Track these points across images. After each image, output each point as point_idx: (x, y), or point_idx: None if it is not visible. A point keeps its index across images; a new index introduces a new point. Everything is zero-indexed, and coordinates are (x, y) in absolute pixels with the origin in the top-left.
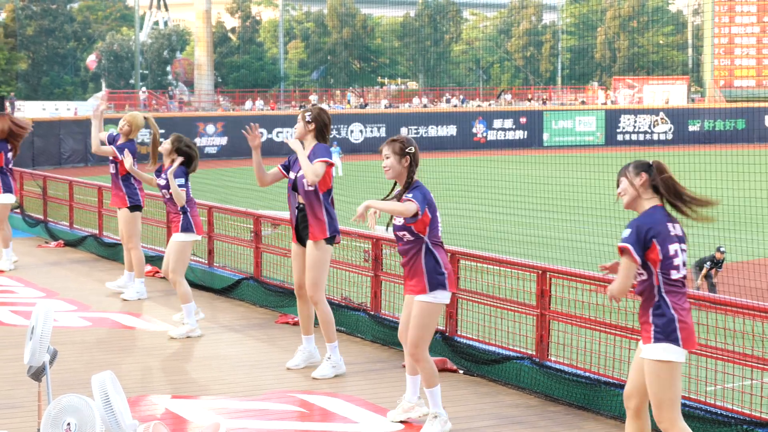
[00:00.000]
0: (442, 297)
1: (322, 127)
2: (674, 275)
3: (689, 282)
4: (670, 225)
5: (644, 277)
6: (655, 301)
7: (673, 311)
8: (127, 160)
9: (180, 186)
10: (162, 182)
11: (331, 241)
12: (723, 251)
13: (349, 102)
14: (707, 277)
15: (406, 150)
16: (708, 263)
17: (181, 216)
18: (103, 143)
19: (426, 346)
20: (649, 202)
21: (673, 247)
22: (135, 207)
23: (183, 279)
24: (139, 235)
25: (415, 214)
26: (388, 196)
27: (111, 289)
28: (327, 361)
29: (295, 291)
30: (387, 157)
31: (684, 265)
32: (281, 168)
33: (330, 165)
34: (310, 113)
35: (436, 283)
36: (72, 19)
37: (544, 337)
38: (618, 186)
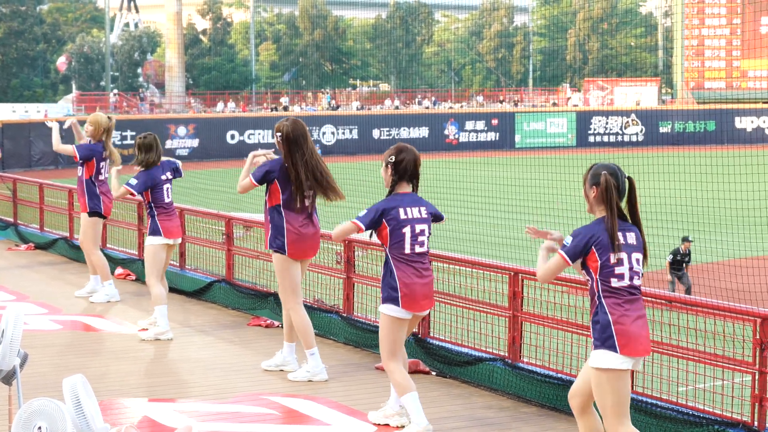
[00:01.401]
0: (392, 311)
1: None
2: (614, 283)
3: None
4: (617, 234)
5: (588, 281)
6: (595, 306)
7: (609, 316)
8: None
9: (129, 184)
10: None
11: (278, 251)
12: (690, 240)
13: (329, 102)
14: (677, 269)
15: (387, 159)
16: (670, 256)
17: (150, 219)
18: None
19: (388, 356)
20: (600, 212)
21: (615, 256)
22: (93, 213)
23: (155, 282)
24: (95, 241)
25: (369, 217)
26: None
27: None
28: (304, 365)
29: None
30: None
31: (635, 274)
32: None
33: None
34: (280, 133)
35: (387, 296)
36: (42, 20)
37: (516, 338)
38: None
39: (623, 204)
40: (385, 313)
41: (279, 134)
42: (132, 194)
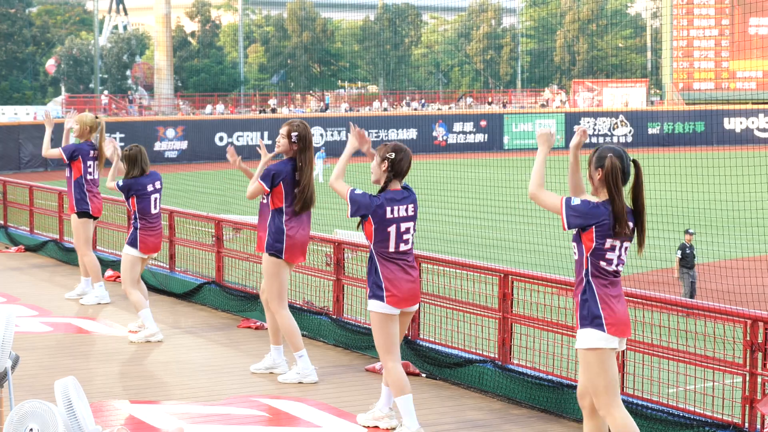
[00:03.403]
0: (379, 307)
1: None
2: (602, 265)
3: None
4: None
5: (576, 257)
6: (582, 286)
7: (597, 296)
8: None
9: (117, 183)
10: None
11: (274, 255)
12: (692, 232)
13: (327, 104)
14: (688, 267)
15: (386, 155)
16: (678, 252)
17: (132, 229)
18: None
19: (385, 354)
20: (605, 195)
21: (611, 242)
22: (82, 213)
23: (132, 289)
24: (87, 242)
25: (356, 210)
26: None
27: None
28: (294, 367)
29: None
30: (374, 160)
31: (621, 262)
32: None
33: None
34: (297, 134)
35: (372, 293)
36: (31, 23)
37: (506, 340)
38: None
39: (627, 188)
40: (373, 311)
41: (295, 134)
42: (115, 189)
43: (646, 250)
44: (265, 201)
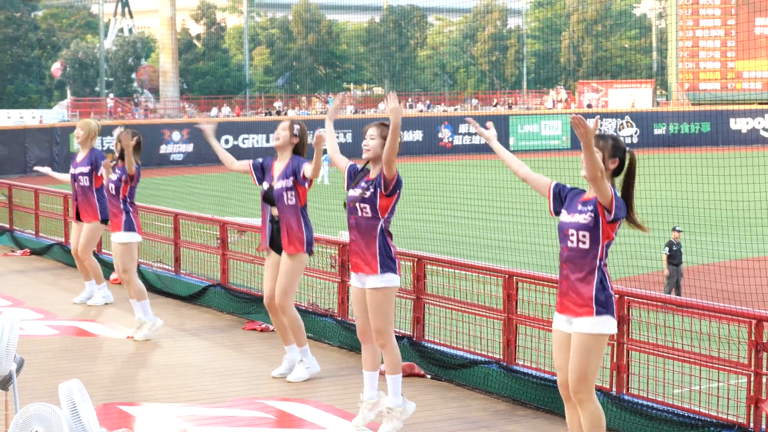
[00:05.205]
0: (395, 281)
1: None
2: (608, 254)
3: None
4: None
5: (584, 246)
6: (596, 275)
7: (610, 285)
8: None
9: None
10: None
11: (310, 252)
12: (680, 230)
13: (328, 103)
14: (675, 264)
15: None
16: (666, 249)
17: (124, 215)
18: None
19: (389, 329)
20: (609, 182)
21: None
22: (106, 221)
23: (135, 277)
24: (93, 247)
25: (390, 181)
26: (361, 170)
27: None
28: (300, 364)
29: (265, 303)
30: (372, 138)
31: None
32: (253, 168)
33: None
34: (298, 127)
35: (387, 267)
36: (36, 27)
37: (511, 341)
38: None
39: (620, 178)
40: (387, 286)
41: (297, 126)
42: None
43: (649, 250)
44: (292, 202)
